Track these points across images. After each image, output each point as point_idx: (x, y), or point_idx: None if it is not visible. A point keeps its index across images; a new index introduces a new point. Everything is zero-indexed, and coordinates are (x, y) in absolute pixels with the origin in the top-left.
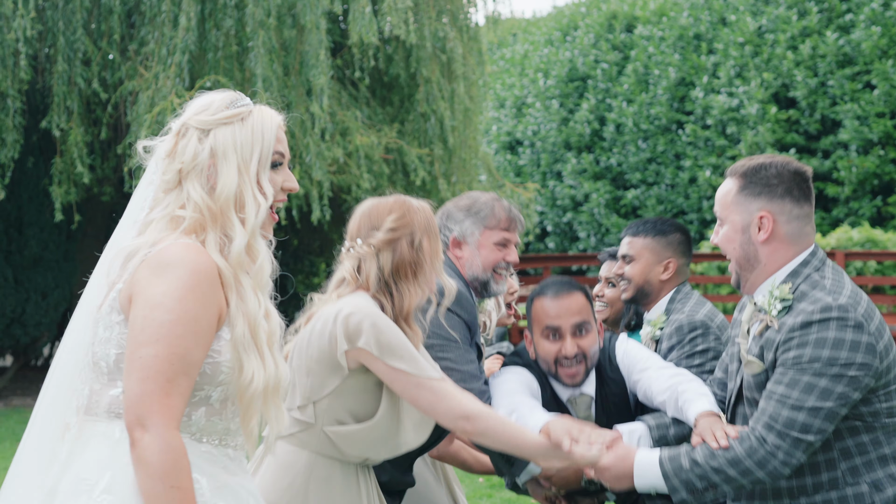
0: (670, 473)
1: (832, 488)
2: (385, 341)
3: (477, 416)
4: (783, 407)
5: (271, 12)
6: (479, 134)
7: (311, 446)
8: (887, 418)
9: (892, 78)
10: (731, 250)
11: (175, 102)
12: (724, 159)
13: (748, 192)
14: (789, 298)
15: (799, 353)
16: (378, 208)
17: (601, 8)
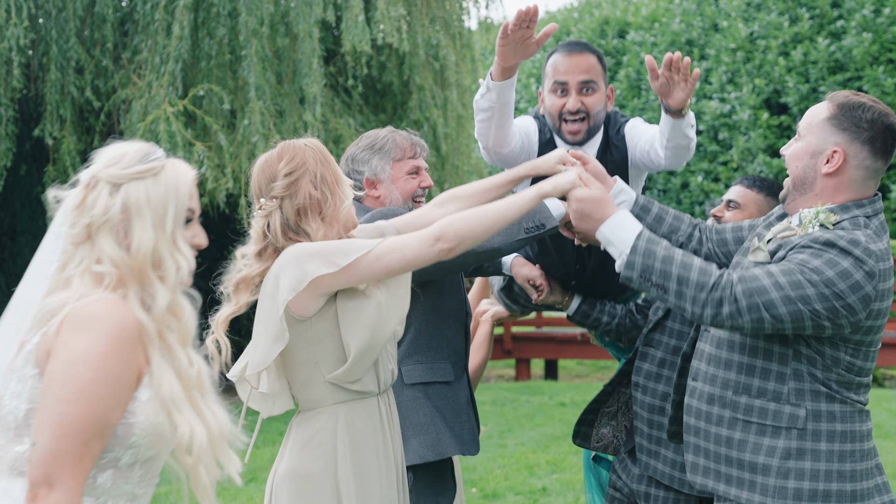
0: (640, 249)
1: (773, 400)
2: (326, 254)
3: (441, 231)
4: (767, 277)
5: (264, 21)
6: (471, 141)
7: (325, 401)
8: (846, 371)
9: (883, 84)
10: (792, 167)
11: (168, 111)
12: (715, 165)
13: (836, 122)
14: (829, 226)
15: (808, 258)
16: (269, 160)
17: (593, 13)
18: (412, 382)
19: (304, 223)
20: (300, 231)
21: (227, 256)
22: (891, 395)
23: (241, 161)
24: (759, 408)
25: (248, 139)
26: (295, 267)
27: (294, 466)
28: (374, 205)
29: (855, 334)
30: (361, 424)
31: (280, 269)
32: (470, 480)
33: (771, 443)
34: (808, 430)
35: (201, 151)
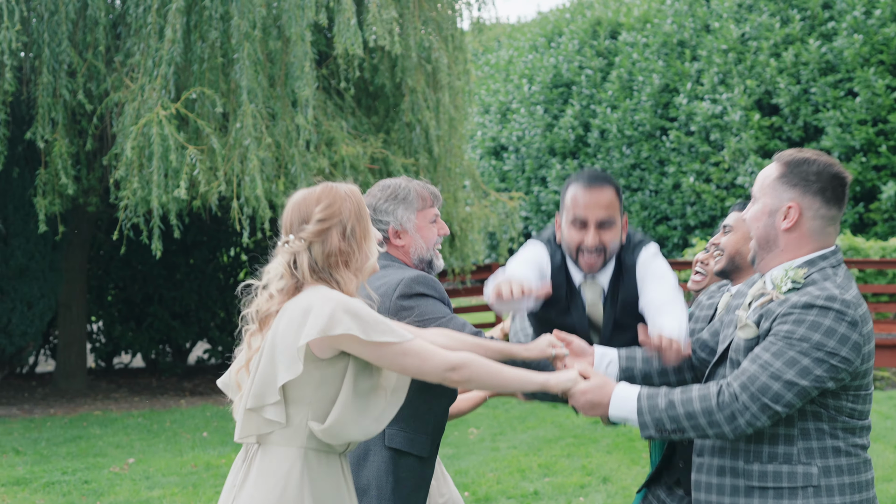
0: (645, 410)
1: (785, 462)
2: (364, 320)
3: (462, 364)
4: (763, 372)
5: (257, 24)
6: (464, 142)
7: (299, 442)
8: (849, 417)
9: (874, 86)
10: (755, 228)
11: (161, 114)
12: (707, 165)
13: (786, 180)
14: (800, 282)
15: (793, 328)
16: (307, 199)
17: (585, 14)
18: (390, 446)
19: (334, 271)
20: (331, 277)
21: (217, 258)
22: (881, 396)
23: (233, 164)
24: (773, 472)
25: (241, 142)
26: (330, 310)
27: (260, 501)
28: (398, 254)
29: (854, 381)
30: (325, 473)
31: (311, 304)
32: (462, 484)
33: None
34: (822, 486)
35: (193, 154)
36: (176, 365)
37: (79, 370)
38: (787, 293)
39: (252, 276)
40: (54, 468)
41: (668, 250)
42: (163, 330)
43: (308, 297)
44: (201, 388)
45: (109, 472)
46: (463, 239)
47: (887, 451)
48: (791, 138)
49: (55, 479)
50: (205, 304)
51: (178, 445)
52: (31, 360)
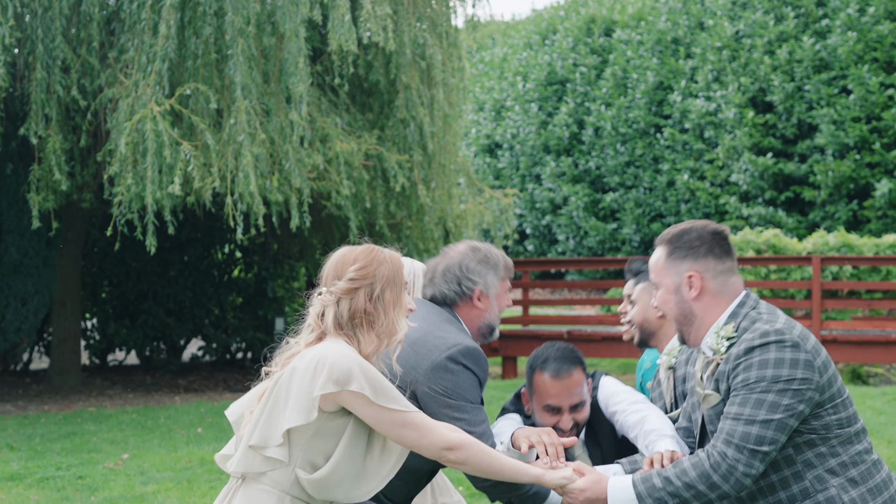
0: (644, 494)
1: (805, 497)
2: (375, 383)
3: (459, 446)
4: (738, 423)
5: (251, 20)
6: (458, 140)
7: (281, 486)
8: (839, 429)
9: (868, 83)
10: (668, 310)
11: (155, 110)
12: (701, 163)
13: (675, 256)
14: (734, 336)
15: (746, 375)
16: (345, 257)
17: (580, 12)
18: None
19: (357, 329)
20: (354, 334)
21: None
22: (875, 392)
23: (227, 160)
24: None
25: (235, 138)
26: (346, 365)
27: None
28: (468, 316)
29: (824, 395)
30: None
31: (327, 355)
32: (456, 479)
33: None
34: (846, 502)
35: (188, 150)
36: (170, 362)
37: (73, 367)
38: (728, 350)
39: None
40: (48, 464)
41: None
42: (157, 327)
43: (325, 348)
44: (196, 385)
45: (104, 468)
46: (457, 236)
47: (881, 446)
48: (785, 135)
49: (49, 475)
50: (199, 301)
51: (172, 441)
52: (25, 356)
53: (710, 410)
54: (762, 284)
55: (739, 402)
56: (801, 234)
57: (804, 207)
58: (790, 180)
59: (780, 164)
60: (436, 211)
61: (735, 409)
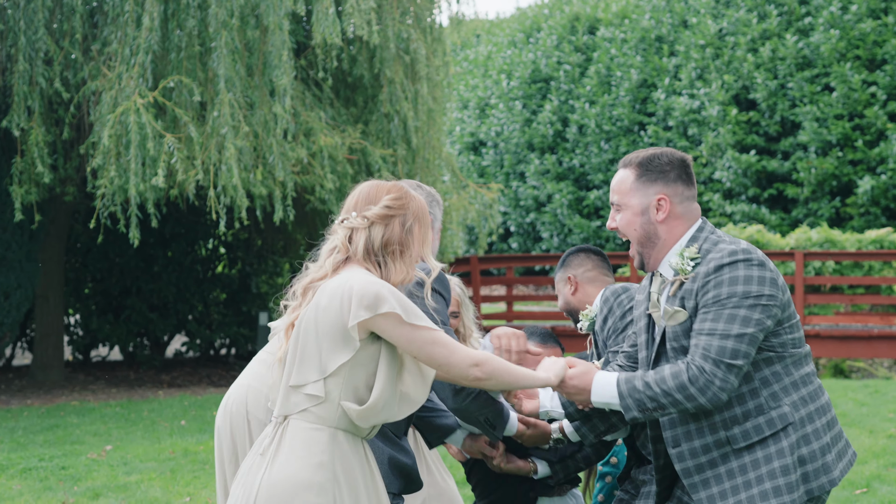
0: (625, 393)
1: (759, 414)
2: (405, 304)
3: (484, 360)
4: (713, 338)
5: (234, 13)
6: (442, 134)
7: (328, 421)
8: (793, 348)
9: (851, 81)
10: (631, 232)
11: (138, 102)
12: None
13: (645, 178)
14: (698, 256)
15: (717, 292)
16: (378, 187)
17: (564, 10)
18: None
19: (389, 257)
20: (383, 260)
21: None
22: (857, 385)
23: (210, 153)
24: (753, 427)
25: (218, 131)
26: (375, 291)
27: (295, 475)
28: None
29: (784, 312)
30: (352, 454)
31: (353, 285)
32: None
33: (777, 447)
34: (796, 420)
35: (171, 143)
36: (154, 357)
37: (56, 362)
38: (694, 269)
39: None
40: (31, 455)
41: None
42: (140, 322)
43: (349, 278)
44: (179, 381)
45: (87, 459)
46: (442, 231)
47: (863, 436)
48: (768, 133)
49: (32, 465)
50: (183, 296)
51: (155, 433)
52: (7, 352)
53: (678, 327)
54: None
55: (713, 318)
56: (784, 230)
57: (787, 204)
58: (773, 177)
59: (763, 162)
60: None
61: (709, 324)
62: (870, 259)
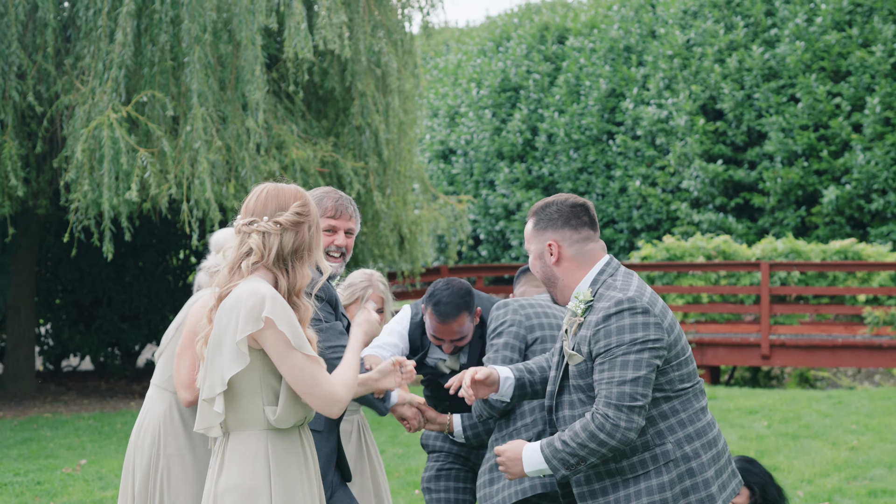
0: (549, 457)
1: (645, 450)
2: (291, 324)
3: (344, 399)
4: (612, 386)
5: (207, 28)
6: (413, 146)
7: (258, 425)
8: (680, 384)
9: (816, 91)
10: (536, 273)
11: (112, 117)
12: (653, 169)
13: (539, 226)
14: (591, 300)
15: (607, 341)
16: (285, 192)
17: (533, 19)
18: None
19: (297, 263)
20: (291, 265)
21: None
22: (820, 395)
23: (183, 166)
24: (639, 461)
25: (191, 145)
26: (260, 307)
27: (235, 482)
28: None
29: (671, 351)
30: (288, 451)
31: (244, 300)
32: (413, 482)
33: (658, 481)
34: (678, 457)
35: (144, 157)
36: (125, 367)
37: (27, 373)
38: (585, 314)
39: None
40: (6, 469)
41: (615, 253)
42: (112, 332)
43: (243, 290)
44: None
45: (62, 474)
46: (412, 241)
47: (825, 448)
48: (735, 143)
49: (7, 481)
50: (154, 306)
51: None
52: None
53: (574, 367)
54: (712, 290)
55: (608, 367)
56: (751, 239)
57: (754, 213)
58: (740, 187)
59: (730, 171)
60: (391, 217)
61: (606, 374)
62: (834, 270)
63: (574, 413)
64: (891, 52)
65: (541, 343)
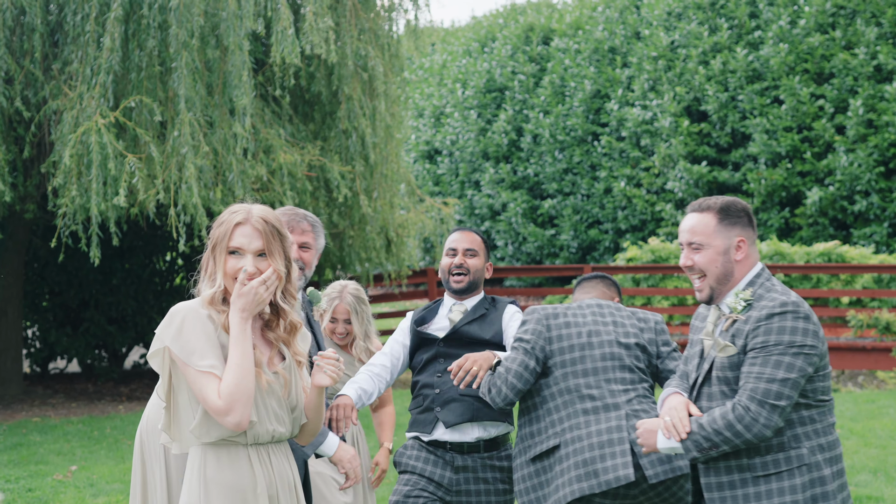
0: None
1: (780, 450)
2: (184, 339)
3: (224, 410)
4: (760, 381)
5: (195, 33)
6: (400, 150)
7: (195, 440)
8: (822, 395)
9: (799, 93)
10: (713, 269)
11: (100, 122)
12: (637, 170)
13: (727, 223)
14: (751, 299)
15: (766, 338)
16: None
17: (518, 20)
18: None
19: (204, 276)
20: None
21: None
22: None
23: (171, 171)
24: (772, 461)
25: (179, 150)
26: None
27: (184, 499)
28: None
29: (821, 361)
30: (225, 466)
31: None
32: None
33: (791, 483)
34: (811, 463)
35: (132, 162)
36: (112, 370)
37: (14, 376)
38: (744, 311)
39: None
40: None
41: (599, 254)
42: (99, 335)
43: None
44: (138, 393)
45: (53, 480)
46: (399, 244)
47: None
48: (719, 144)
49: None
50: (141, 308)
51: (119, 452)
52: None
53: (725, 359)
54: None
55: (760, 363)
56: None
57: None
58: (724, 188)
59: (714, 173)
60: (378, 220)
61: (756, 368)
62: (818, 272)
63: (710, 405)
64: (873, 55)
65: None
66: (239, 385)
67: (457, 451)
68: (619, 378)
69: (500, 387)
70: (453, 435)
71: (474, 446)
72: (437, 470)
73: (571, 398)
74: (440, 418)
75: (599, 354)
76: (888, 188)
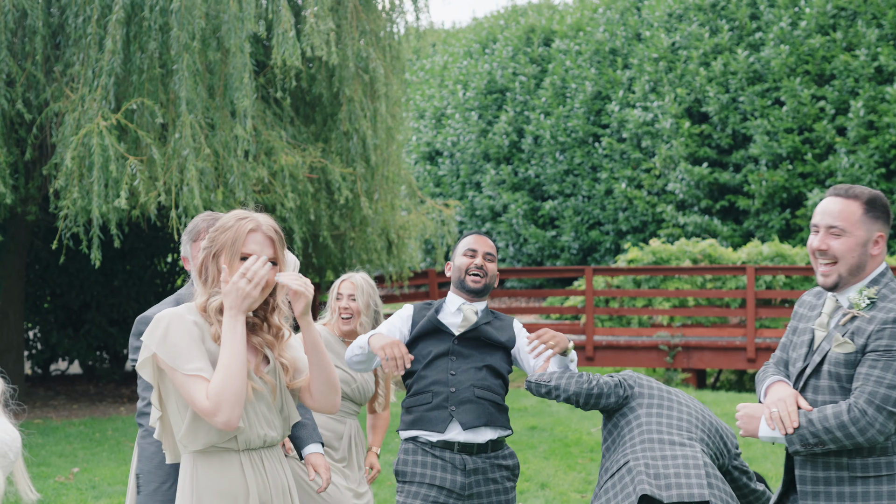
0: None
1: (882, 454)
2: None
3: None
4: (880, 386)
5: (196, 35)
6: (401, 151)
7: (188, 448)
8: None
9: (800, 95)
10: (849, 258)
11: (101, 124)
12: (639, 172)
13: (872, 215)
14: (875, 297)
15: (891, 342)
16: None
17: (519, 21)
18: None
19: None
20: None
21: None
22: None
23: (172, 174)
24: (873, 463)
25: (180, 152)
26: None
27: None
28: None
29: None
30: (216, 473)
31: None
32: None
33: (890, 488)
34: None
35: (134, 165)
36: (113, 371)
37: (16, 377)
38: (867, 309)
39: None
40: None
41: (600, 255)
42: (100, 336)
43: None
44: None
45: (55, 482)
46: (400, 246)
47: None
48: (720, 146)
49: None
50: (142, 310)
51: (121, 454)
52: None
53: (841, 355)
54: (698, 293)
55: (882, 367)
56: (736, 241)
57: (739, 216)
58: (725, 189)
59: (715, 174)
60: (379, 222)
61: (877, 372)
62: None
63: (816, 398)
64: (874, 56)
65: None
66: (226, 385)
67: (465, 453)
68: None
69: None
70: (468, 436)
71: (483, 447)
72: (447, 476)
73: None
74: (457, 418)
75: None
76: (889, 189)
